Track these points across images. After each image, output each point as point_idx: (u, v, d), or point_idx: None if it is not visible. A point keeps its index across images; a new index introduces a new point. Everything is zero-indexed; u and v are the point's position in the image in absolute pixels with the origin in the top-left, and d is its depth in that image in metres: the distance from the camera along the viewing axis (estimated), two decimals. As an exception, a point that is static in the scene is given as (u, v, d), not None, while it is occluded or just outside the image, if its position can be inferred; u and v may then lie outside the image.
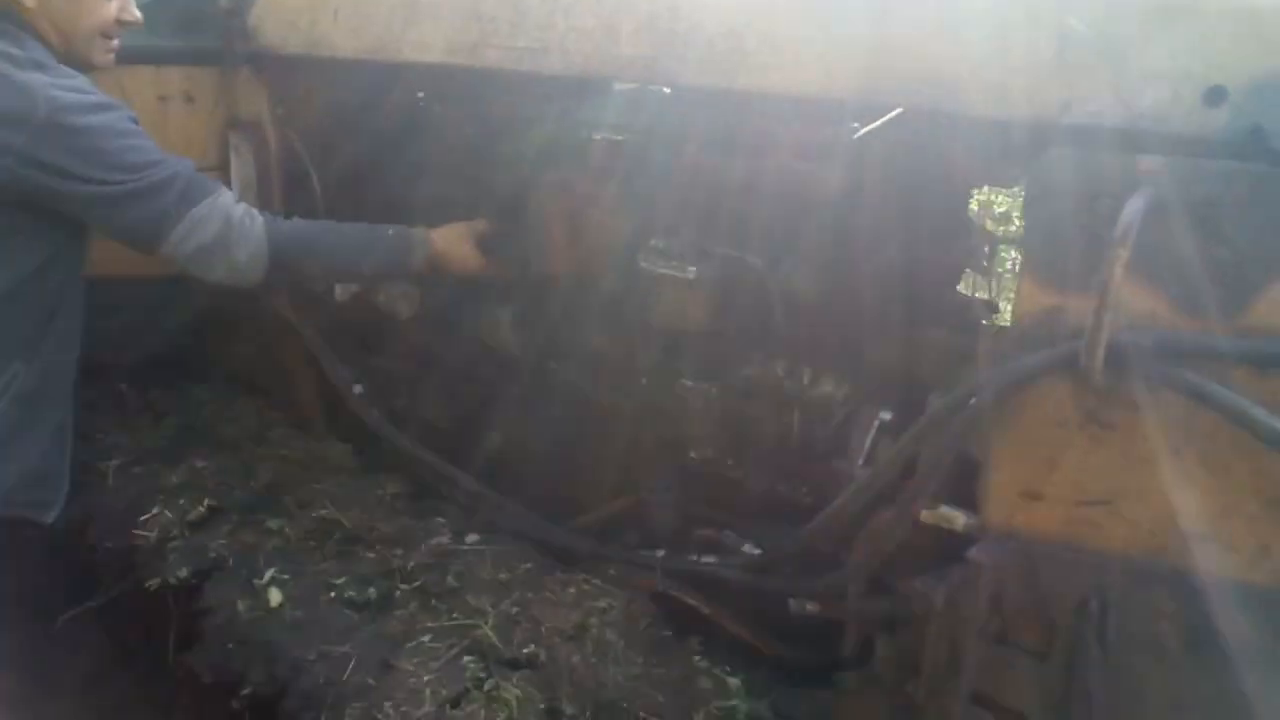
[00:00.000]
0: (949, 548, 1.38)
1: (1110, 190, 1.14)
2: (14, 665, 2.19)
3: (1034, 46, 1.22)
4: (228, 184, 2.25)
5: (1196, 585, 1.17)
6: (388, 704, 1.37)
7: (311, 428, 2.28)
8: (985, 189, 2.01)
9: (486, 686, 1.42)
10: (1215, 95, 1.10)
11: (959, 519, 1.40)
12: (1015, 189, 1.85)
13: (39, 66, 1.66)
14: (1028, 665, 1.30)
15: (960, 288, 1.84)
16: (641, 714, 1.46)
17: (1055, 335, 1.21)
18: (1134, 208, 1.09)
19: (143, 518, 1.81)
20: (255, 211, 1.80)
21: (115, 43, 1.80)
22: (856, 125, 1.60)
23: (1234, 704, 1.16)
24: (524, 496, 2.05)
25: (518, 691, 1.42)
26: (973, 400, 1.28)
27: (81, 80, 1.71)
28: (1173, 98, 1.13)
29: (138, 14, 1.78)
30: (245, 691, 1.50)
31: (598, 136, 1.76)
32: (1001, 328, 1.31)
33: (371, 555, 1.75)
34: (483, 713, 1.37)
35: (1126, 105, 1.16)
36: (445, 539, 1.81)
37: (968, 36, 1.27)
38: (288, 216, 2.08)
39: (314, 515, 1.84)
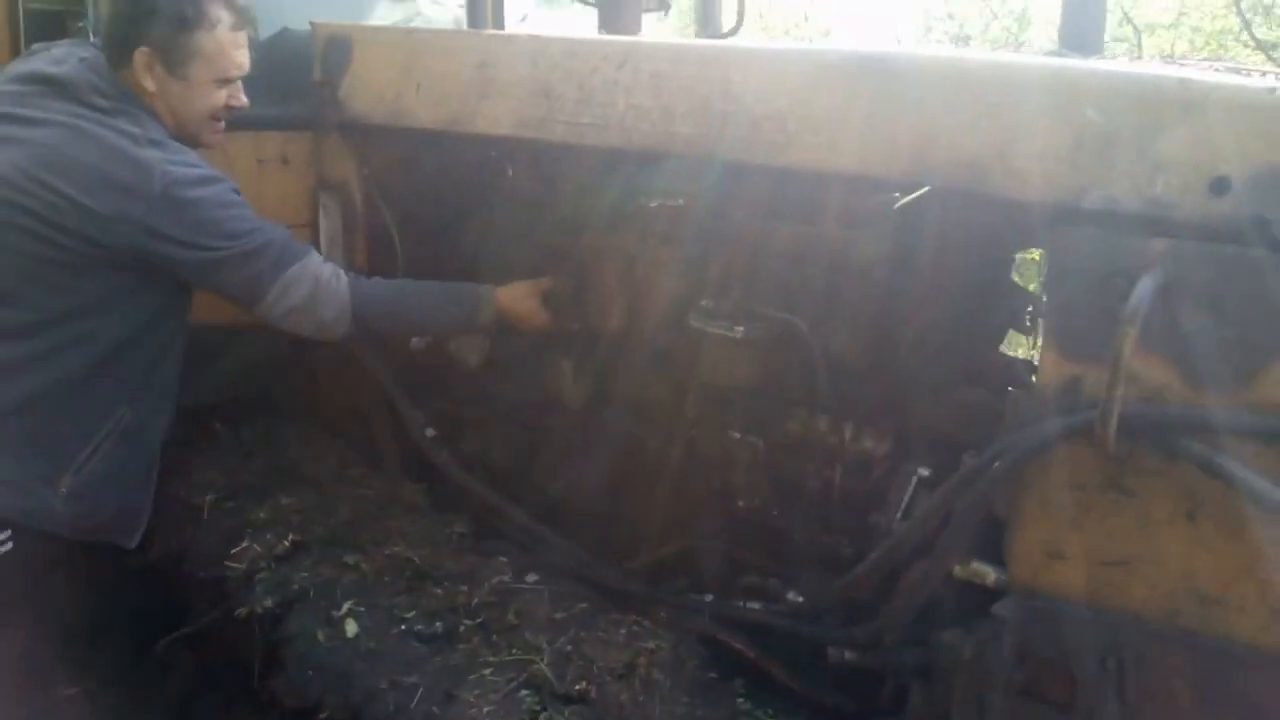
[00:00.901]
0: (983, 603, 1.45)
1: (1124, 270, 1.22)
2: (113, 683, 2.38)
3: (1055, 135, 1.31)
4: (317, 239, 2.45)
5: (1210, 646, 1.23)
6: (450, 730, 1.49)
7: (387, 467, 2.44)
8: (1034, 250, 2.08)
9: (541, 719, 1.53)
10: (1221, 185, 1.18)
11: (990, 574, 1.47)
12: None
13: (155, 144, 1.86)
14: (1050, 718, 1.36)
15: (1002, 348, 1.92)
16: (685, 751, 1.56)
17: (1074, 403, 1.29)
18: (1144, 288, 1.18)
19: (233, 550, 1.97)
20: (341, 272, 1.97)
21: (222, 125, 1.99)
22: (897, 195, 1.70)
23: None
24: (581, 538, 2.16)
25: (570, 725, 1.53)
26: (997, 463, 1.36)
27: (191, 155, 1.91)
28: (1182, 186, 1.21)
29: (245, 100, 1.97)
30: (323, 716, 1.64)
31: (654, 204, 1.89)
32: (1028, 391, 1.39)
33: (439, 591, 1.88)
34: (537, 743, 1.49)
35: (1140, 191, 1.24)
36: (507, 577, 1.93)
37: (993, 125, 1.36)
38: (371, 269, 2.26)
39: (387, 552, 1.98)
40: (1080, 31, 5.04)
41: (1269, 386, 1.16)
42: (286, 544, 2.00)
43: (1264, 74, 1.29)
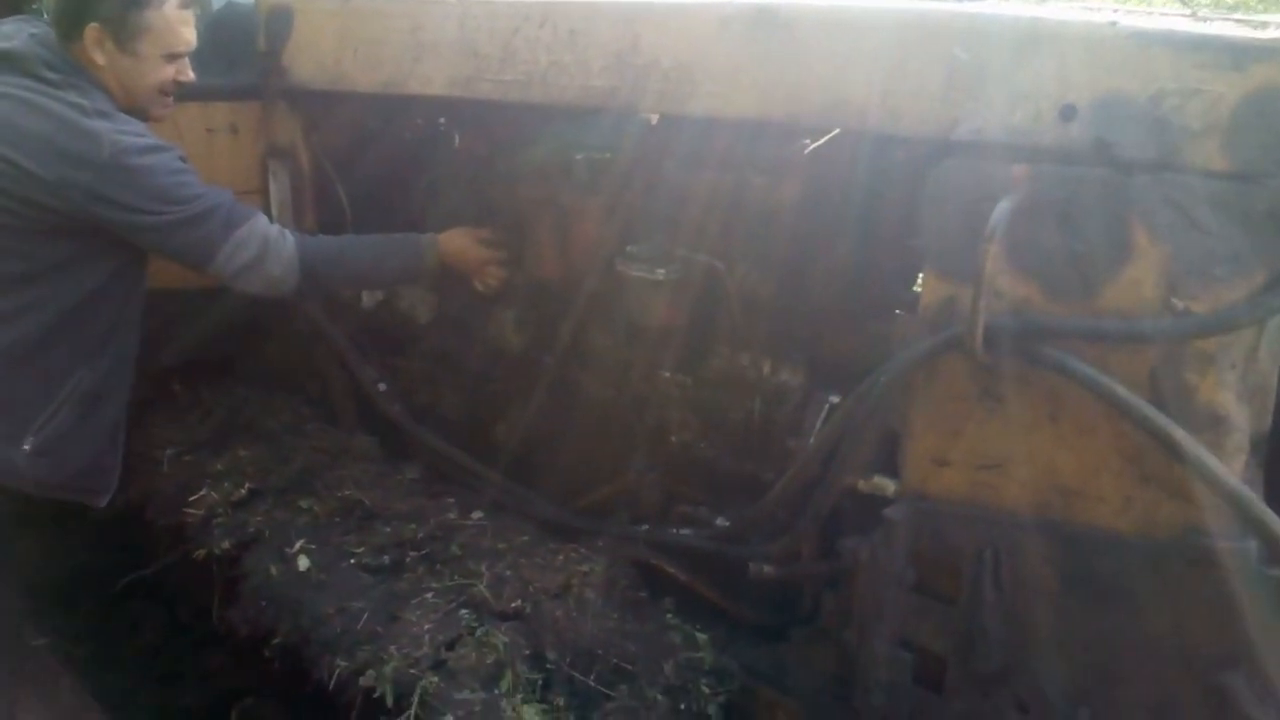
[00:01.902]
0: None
1: (990, 195, 1.33)
2: (83, 635, 2.48)
3: (928, 74, 1.42)
4: (268, 205, 2.53)
5: (1072, 534, 1.36)
6: (392, 647, 1.60)
7: (342, 422, 2.54)
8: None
9: (478, 634, 1.64)
10: (1068, 112, 1.29)
11: (890, 486, 1.59)
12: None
13: (103, 115, 1.93)
14: (940, 610, 1.49)
15: (915, 286, 2.03)
16: (615, 661, 1.68)
17: (951, 321, 1.40)
18: (1002, 209, 1.29)
19: (192, 498, 2.07)
20: (288, 231, 2.06)
21: (171, 99, 2.06)
22: (808, 142, 1.81)
23: (1104, 637, 1.34)
24: (526, 480, 2.28)
25: (505, 638, 1.64)
26: (883, 380, 1.48)
27: (139, 125, 1.98)
28: (1037, 114, 1.32)
29: (192, 75, 2.05)
30: (275, 642, 1.74)
31: (580, 156, 1.99)
32: (911, 313, 1.50)
33: (388, 529, 1.98)
34: (474, 655, 1.60)
35: (1002, 122, 1.35)
36: (453, 515, 2.04)
37: (874, 68, 1.47)
38: (320, 232, 2.34)
39: (339, 496, 2.09)
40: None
41: (1114, 294, 1.27)
42: (243, 491, 2.09)
43: (1115, 10, 1.40)
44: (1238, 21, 1.32)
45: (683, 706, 1.67)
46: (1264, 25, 1.24)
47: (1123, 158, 1.24)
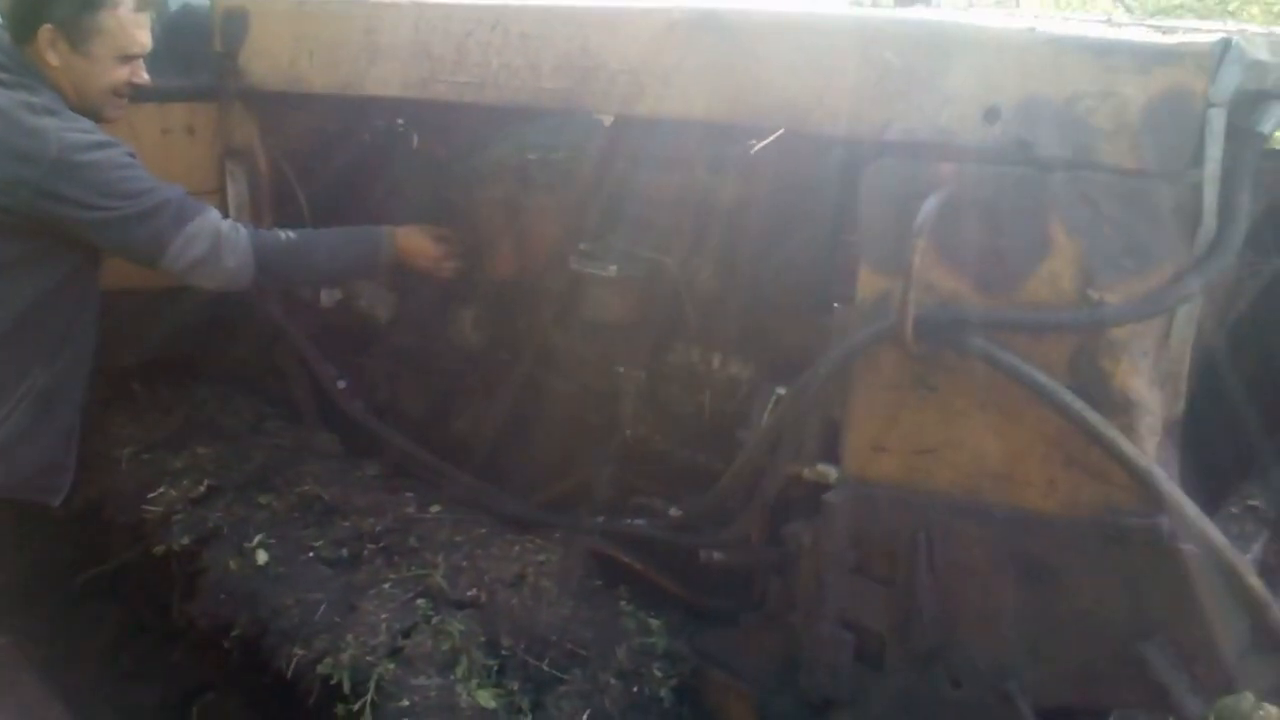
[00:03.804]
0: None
1: (920, 192, 1.40)
2: (44, 635, 2.48)
3: (862, 77, 1.48)
4: (225, 206, 2.55)
5: (1001, 517, 1.42)
6: (350, 636, 1.64)
7: (303, 420, 2.56)
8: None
9: (434, 622, 1.69)
10: (992, 114, 1.35)
11: (832, 474, 1.65)
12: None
13: (51, 113, 1.94)
14: (878, 591, 1.55)
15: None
16: (569, 646, 1.73)
17: (884, 313, 1.47)
18: (929, 205, 1.35)
19: (151, 495, 2.09)
20: (240, 225, 2.08)
21: (124, 100, 2.08)
22: (753, 142, 1.86)
23: (1031, 612, 1.41)
24: (487, 476, 2.32)
25: (461, 626, 1.69)
26: (822, 370, 1.54)
27: (87, 123, 1.99)
28: (962, 115, 1.38)
29: (146, 77, 2.07)
30: (234, 633, 1.77)
31: (533, 156, 2.03)
32: (848, 307, 1.56)
33: (346, 524, 2.02)
34: (430, 642, 1.64)
35: (930, 122, 1.41)
36: (411, 509, 2.08)
37: (812, 70, 1.53)
38: (275, 230, 2.36)
39: (298, 491, 2.12)
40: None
41: (1035, 286, 1.34)
42: (202, 489, 2.12)
43: (1036, 15, 1.46)
44: (1150, 26, 1.39)
45: (635, 690, 1.72)
46: (1172, 30, 1.31)
47: (1042, 157, 1.31)
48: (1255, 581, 1.19)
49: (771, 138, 1.79)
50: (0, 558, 2.19)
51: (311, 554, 1.90)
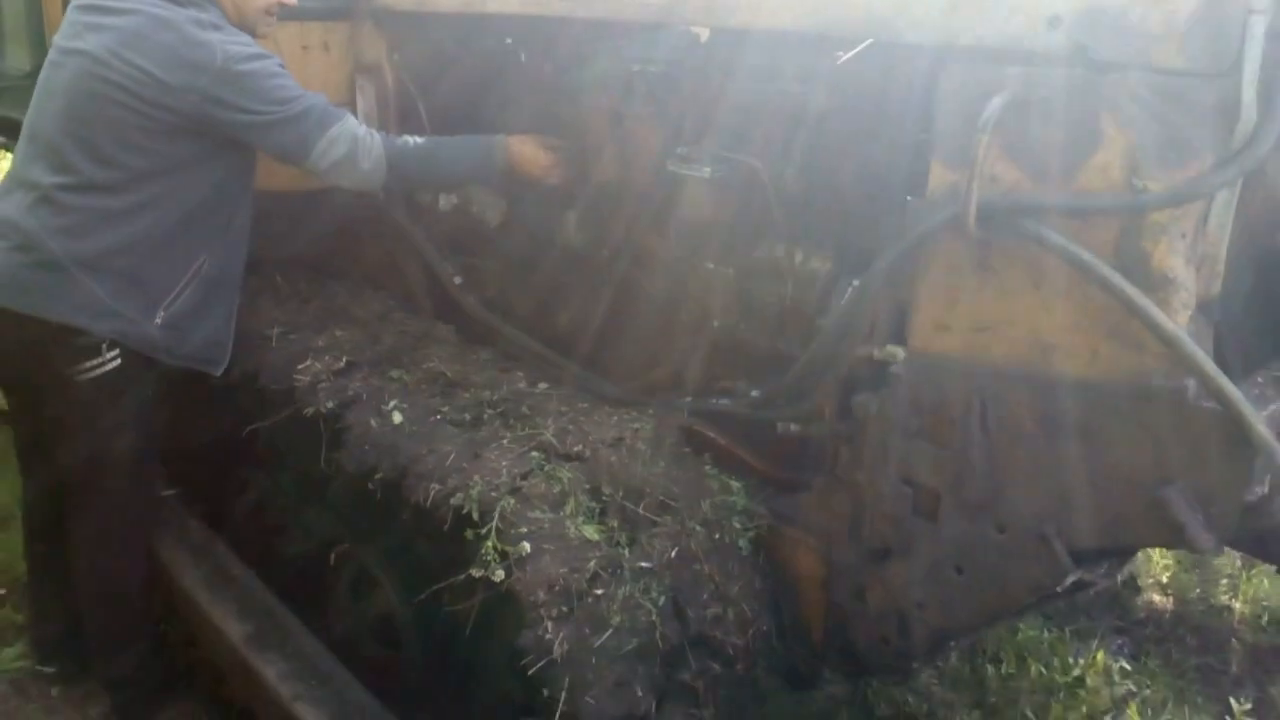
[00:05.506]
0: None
1: (988, 94, 1.57)
2: (202, 491, 2.86)
3: (938, -12, 1.64)
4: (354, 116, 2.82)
5: (1048, 384, 1.61)
6: (476, 476, 1.92)
7: (422, 313, 2.85)
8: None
9: (546, 469, 1.96)
10: (1054, 21, 1.51)
11: (900, 353, 1.85)
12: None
13: (216, 29, 2.24)
14: (937, 453, 1.76)
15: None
16: (661, 498, 1.98)
17: (953, 203, 1.65)
18: (994, 105, 1.53)
19: (299, 367, 2.40)
20: (374, 131, 2.35)
21: (275, 18, 2.37)
22: (839, 53, 2.03)
23: (1069, 466, 1.60)
24: (588, 366, 2.57)
25: (569, 474, 1.96)
26: (892, 256, 1.73)
27: (245, 37, 2.29)
28: (1028, 23, 1.54)
29: (294, 0, 2.35)
30: (378, 476, 2.08)
31: (636, 69, 2.24)
32: (920, 198, 1.74)
33: (467, 395, 2.30)
34: (543, 485, 1.92)
35: (999, 30, 1.57)
36: (523, 385, 2.35)
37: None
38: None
39: (424, 369, 2.40)
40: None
41: (1087, 177, 1.50)
42: (341, 364, 2.42)
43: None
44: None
45: (717, 537, 1.98)
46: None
47: (1098, 60, 1.47)
48: (1262, 429, 1.36)
49: (859, 48, 1.96)
50: (170, 420, 2.54)
51: (439, 417, 2.19)
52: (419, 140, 2.42)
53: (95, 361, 2.23)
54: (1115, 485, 1.55)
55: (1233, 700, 2.61)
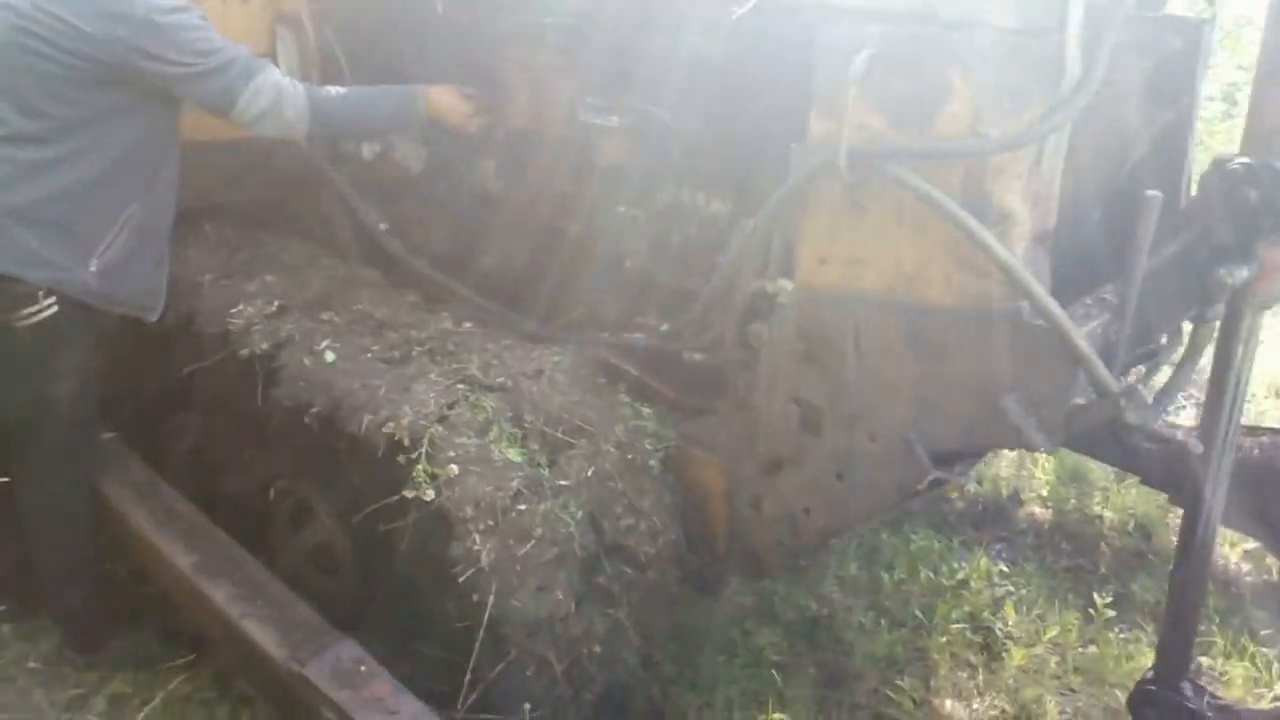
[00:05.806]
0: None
1: (856, 50, 1.75)
2: (139, 432, 2.95)
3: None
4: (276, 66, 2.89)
5: (911, 309, 1.83)
6: (406, 406, 2.09)
7: (348, 257, 2.97)
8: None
9: (471, 399, 2.13)
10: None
11: (787, 285, 2.05)
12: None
13: None
14: (820, 373, 1.98)
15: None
16: (578, 423, 2.17)
17: (829, 149, 1.84)
18: (859, 60, 1.71)
19: (232, 310, 2.52)
20: (297, 81, 2.45)
21: None
22: (736, 8, 2.19)
23: (929, 381, 1.83)
24: (509, 305, 2.74)
25: (493, 404, 2.13)
26: (777, 198, 1.92)
27: None
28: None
29: None
30: (314, 410, 2.23)
31: (548, 20, 2.37)
32: (801, 144, 1.92)
33: (395, 334, 2.45)
34: (469, 413, 2.09)
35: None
36: (448, 324, 2.51)
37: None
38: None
39: (354, 310, 2.54)
40: None
41: (941, 124, 1.71)
42: (273, 307, 2.54)
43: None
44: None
45: (629, 458, 2.18)
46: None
47: (947, 18, 1.66)
48: (1081, 342, 1.60)
49: (751, 4, 2.13)
50: (108, 364, 2.64)
51: (370, 355, 2.34)
52: (342, 90, 2.52)
53: (33, 309, 2.31)
54: (965, 396, 1.78)
55: (1096, 595, 2.92)
